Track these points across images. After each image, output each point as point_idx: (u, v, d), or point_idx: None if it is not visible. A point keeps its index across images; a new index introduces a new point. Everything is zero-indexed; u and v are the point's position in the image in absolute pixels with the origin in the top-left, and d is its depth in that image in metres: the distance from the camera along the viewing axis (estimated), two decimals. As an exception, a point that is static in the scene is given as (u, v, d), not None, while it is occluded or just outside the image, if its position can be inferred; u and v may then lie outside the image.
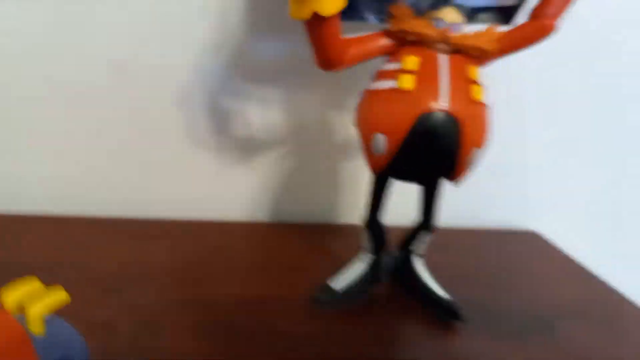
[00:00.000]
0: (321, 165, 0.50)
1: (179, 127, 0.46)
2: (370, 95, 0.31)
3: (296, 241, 0.45)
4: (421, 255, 0.37)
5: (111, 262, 0.38)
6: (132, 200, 0.48)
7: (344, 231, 0.49)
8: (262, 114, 0.46)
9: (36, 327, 0.16)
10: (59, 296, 0.17)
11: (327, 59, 0.29)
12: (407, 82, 0.29)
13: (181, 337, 0.30)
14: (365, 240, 0.36)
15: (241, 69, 0.45)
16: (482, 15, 0.36)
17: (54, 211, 0.47)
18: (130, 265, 0.38)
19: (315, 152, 0.49)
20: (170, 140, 0.46)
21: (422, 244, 0.36)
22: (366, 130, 0.31)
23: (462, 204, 0.55)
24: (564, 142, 0.56)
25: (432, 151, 0.29)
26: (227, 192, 0.49)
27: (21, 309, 0.17)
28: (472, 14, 0.35)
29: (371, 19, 0.36)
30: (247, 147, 0.48)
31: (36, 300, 0.17)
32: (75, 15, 0.42)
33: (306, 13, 0.26)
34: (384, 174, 0.33)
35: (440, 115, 0.28)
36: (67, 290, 0.18)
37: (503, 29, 0.32)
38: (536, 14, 0.31)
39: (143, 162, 0.47)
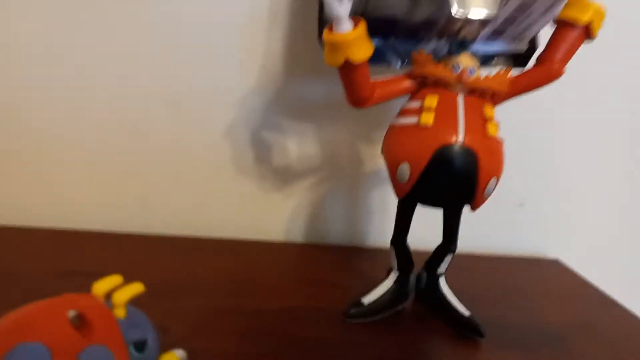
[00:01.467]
0: (352, 192, 0.54)
1: (225, 158, 0.51)
2: (395, 130, 0.35)
3: (329, 261, 0.49)
4: (443, 275, 0.40)
5: (164, 274, 0.42)
6: (181, 222, 0.52)
7: (373, 253, 0.53)
8: (298, 146, 0.51)
9: (119, 311, 0.20)
10: (136, 287, 0.21)
11: (358, 98, 0.33)
12: (427, 118, 0.32)
13: (226, 340, 0.33)
14: (393, 259, 0.39)
15: (281, 107, 0.49)
16: (497, 60, 0.40)
17: (114, 229, 0.52)
18: (180, 276, 0.42)
19: (346, 180, 0.53)
20: (216, 168, 0.51)
21: (445, 264, 0.39)
22: (392, 160, 0.34)
23: (488, 232, 0.58)
24: (582, 176, 0.58)
25: (450, 180, 0.33)
26: (267, 215, 0.53)
27: (108, 297, 0.21)
28: (487, 59, 0.39)
29: (395, 63, 0.40)
30: (285, 176, 0.52)
31: (119, 290, 0.21)
32: (134, 51, 0.48)
33: (340, 60, 0.30)
34: (408, 200, 0.36)
35: (456, 149, 0.32)
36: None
37: (514, 72, 0.35)
38: (543, 59, 0.34)
39: (194, 187, 0.52)
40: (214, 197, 0.52)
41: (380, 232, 0.55)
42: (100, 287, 0.21)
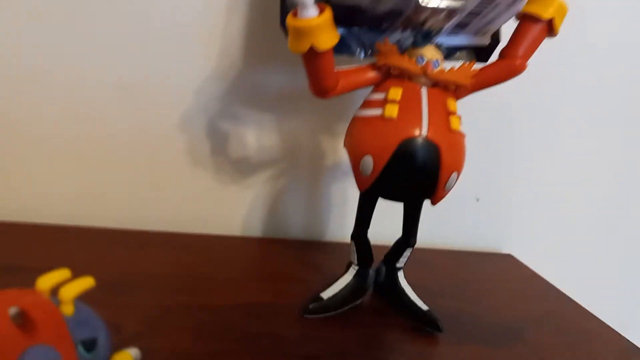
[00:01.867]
0: (312, 185, 0.53)
1: (181, 148, 0.48)
2: (359, 122, 0.34)
3: (288, 255, 0.48)
4: (402, 269, 0.40)
5: (115, 268, 0.40)
6: (135, 215, 0.50)
7: (332, 248, 0.52)
8: (258, 137, 0.50)
9: (67, 307, 0.19)
10: (85, 282, 0.20)
11: (321, 88, 0.32)
12: (392, 111, 0.32)
13: (182, 338, 0.32)
14: (353, 253, 0.39)
15: (240, 96, 0.48)
16: (460, 54, 0.40)
17: (63, 222, 0.49)
18: (132, 272, 0.40)
19: (306, 173, 0.52)
20: (172, 160, 0.49)
21: (404, 258, 0.39)
22: (355, 152, 0.34)
23: (444, 226, 0.59)
24: (536, 173, 0.60)
25: (413, 173, 0.32)
26: (224, 208, 0.51)
27: (54, 293, 0.19)
28: (450, 52, 0.39)
29: (359, 53, 0.39)
30: (243, 168, 0.50)
31: (67, 285, 0.19)
32: (84, 38, 0.45)
33: (304, 47, 0.29)
34: (370, 193, 0.36)
35: (420, 141, 0.32)
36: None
37: (478, 66, 0.35)
38: (506, 53, 0.34)
39: (146, 179, 0.49)
40: (169, 190, 0.50)
41: (339, 227, 0.55)
42: (46, 282, 0.19)
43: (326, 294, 0.38)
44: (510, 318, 0.42)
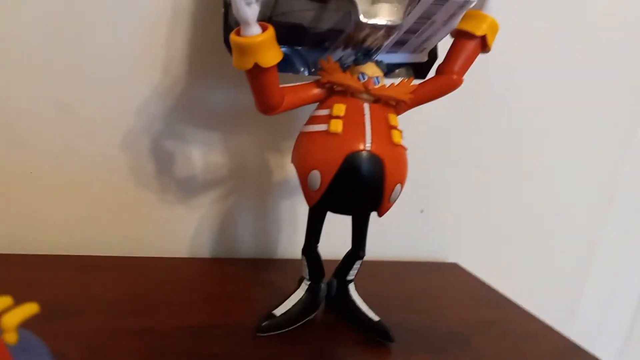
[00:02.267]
0: (260, 203, 0.52)
1: (124, 168, 0.47)
2: (305, 137, 0.35)
3: (237, 275, 0.47)
4: (353, 281, 0.41)
5: (56, 295, 0.38)
6: (77, 239, 0.47)
7: (282, 264, 0.52)
8: (203, 155, 0.49)
9: (10, 336, 0.18)
10: (29, 309, 0.19)
11: (267, 104, 0.33)
12: (336, 126, 0.33)
13: (128, 363, 0.31)
14: (304, 268, 0.39)
15: (185, 113, 0.47)
16: (399, 70, 0.41)
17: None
18: (76, 296, 0.38)
19: (254, 191, 0.52)
20: (115, 181, 0.47)
21: (354, 270, 0.40)
22: (303, 167, 0.34)
23: (391, 239, 0.60)
24: (478, 183, 0.63)
25: (359, 186, 0.33)
26: (171, 229, 0.50)
27: None
28: (390, 69, 0.40)
29: (303, 71, 0.40)
30: (189, 187, 0.49)
31: (9, 313, 0.18)
32: (18, 53, 0.42)
33: (248, 64, 0.29)
34: (319, 208, 0.36)
35: (365, 155, 0.32)
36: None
37: (416, 82, 0.37)
38: (443, 69, 0.36)
39: (87, 200, 0.47)
40: (111, 212, 0.48)
41: (290, 243, 0.55)
42: None
43: (279, 311, 0.37)
44: (458, 325, 0.43)
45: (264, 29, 0.29)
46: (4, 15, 0.41)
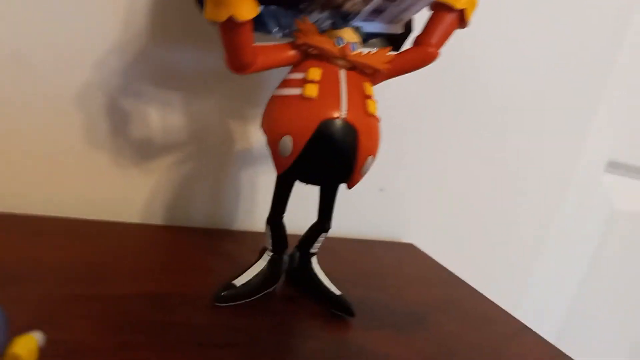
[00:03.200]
0: (219, 171, 0.50)
1: (77, 125, 0.43)
2: (278, 101, 0.33)
3: (193, 244, 0.45)
4: (316, 254, 0.40)
5: (3, 257, 0.35)
6: (23, 197, 0.44)
7: (240, 236, 0.50)
8: (162, 117, 0.46)
9: None
10: None
11: (239, 62, 0.31)
12: (312, 90, 0.31)
13: (83, 330, 0.28)
14: (268, 239, 0.37)
15: (145, 71, 0.44)
16: (374, 41, 0.40)
17: None
18: (23, 261, 0.35)
19: (213, 158, 0.50)
20: (67, 138, 0.43)
21: (318, 243, 0.39)
22: (274, 133, 0.33)
23: (350, 216, 0.59)
24: (437, 164, 0.63)
25: (332, 155, 0.32)
26: (123, 193, 0.47)
27: None
28: (365, 39, 0.39)
29: (276, 32, 0.38)
30: (145, 150, 0.47)
31: None
32: None
33: (223, 16, 0.27)
34: (287, 176, 0.35)
35: (339, 123, 0.31)
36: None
37: (393, 52, 0.36)
38: (420, 41, 0.35)
39: (36, 158, 0.43)
40: (62, 172, 0.44)
41: (248, 215, 0.53)
42: None
43: (239, 281, 0.36)
44: (414, 304, 0.44)
45: (241, -21, 0.27)
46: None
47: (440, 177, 0.64)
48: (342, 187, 0.36)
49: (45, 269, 0.35)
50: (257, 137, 0.48)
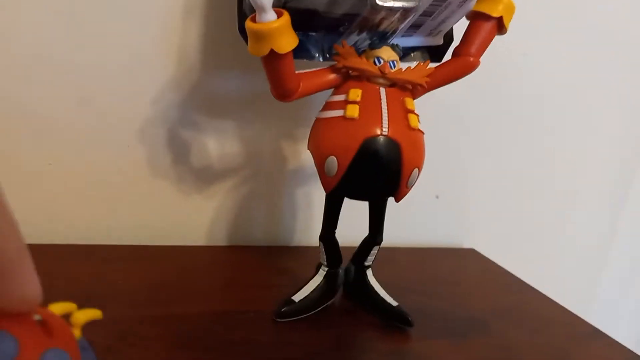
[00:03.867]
0: (275, 191, 0.53)
1: (141, 158, 0.47)
2: (322, 123, 0.35)
3: (255, 262, 0.48)
4: (370, 267, 0.41)
5: (80, 284, 0.38)
6: (96, 228, 0.48)
7: (299, 252, 0.52)
8: (219, 144, 0.49)
9: (76, 331, 0.20)
10: (94, 313, 0.21)
11: (283, 90, 0.33)
12: (353, 111, 0.33)
13: (157, 349, 0.31)
14: (322, 255, 0.39)
15: (199, 103, 0.47)
16: (414, 54, 0.41)
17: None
18: (99, 286, 0.38)
19: (269, 179, 0.52)
20: (132, 171, 0.47)
21: (372, 256, 0.40)
22: (319, 154, 0.34)
23: (407, 225, 0.60)
24: (494, 168, 0.62)
25: (376, 171, 0.33)
26: (188, 218, 0.50)
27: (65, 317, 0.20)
28: (405, 53, 0.40)
29: (317, 57, 0.40)
30: (205, 176, 0.50)
31: (79, 311, 0.21)
32: (42, 46, 0.42)
33: (264, 50, 0.29)
34: (336, 194, 0.36)
35: (382, 140, 0.32)
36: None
37: (433, 65, 0.36)
38: (459, 52, 0.35)
39: (106, 191, 0.47)
40: (129, 202, 0.48)
41: (305, 231, 0.55)
42: (58, 307, 0.20)
43: (297, 297, 0.38)
44: (477, 311, 0.43)
45: (279, 15, 0.29)
46: (26, 9, 0.41)
47: (498, 179, 0.63)
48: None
49: (118, 292, 0.38)
50: (307, 156, 0.49)
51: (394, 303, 0.39)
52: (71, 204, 0.47)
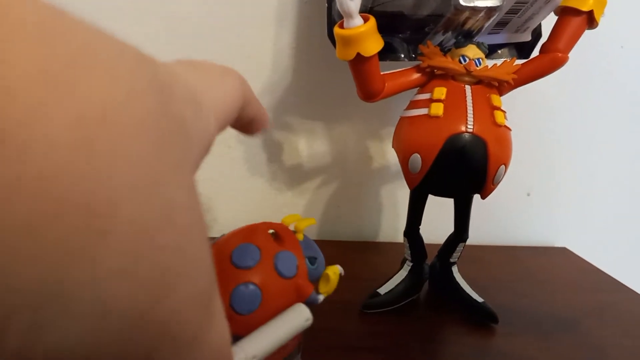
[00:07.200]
0: (362, 188, 0.54)
1: (239, 157, 0.51)
2: (406, 121, 0.36)
3: (342, 256, 0.49)
4: (456, 263, 0.41)
5: None
6: None
7: (385, 247, 0.53)
8: (309, 144, 0.52)
9: (299, 235, 0.27)
10: (309, 220, 0.28)
11: (369, 92, 0.34)
12: (437, 109, 0.33)
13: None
14: (407, 250, 0.40)
15: (291, 105, 0.50)
16: (501, 51, 0.41)
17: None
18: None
19: (356, 177, 0.54)
20: (230, 169, 0.51)
21: (457, 253, 0.40)
22: (404, 151, 0.35)
23: (496, 223, 0.59)
24: (587, 165, 0.59)
25: (461, 168, 0.34)
26: (281, 213, 0.53)
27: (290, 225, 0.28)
28: (492, 50, 0.40)
29: (403, 57, 0.41)
30: (297, 174, 0.53)
31: (299, 221, 0.28)
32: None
33: (352, 54, 0.31)
34: (420, 190, 0.37)
35: (467, 137, 0.33)
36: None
37: (520, 61, 0.36)
38: (547, 48, 0.35)
39: (206, 188, 0.52)
40: (228, 197, 0.52)
41: (391, 227, 0.56)
42: (287, 220, 0.29)
43: (383, 290, 0.39)
44: (566, 309, 0.42)
45: (365, 20, 0.30)
46: (133, 25, 0.47)
47: (591, 177, 0.60)
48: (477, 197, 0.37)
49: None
50: (393, 154, 0.51)
51: (480, 299, 0.39)
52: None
